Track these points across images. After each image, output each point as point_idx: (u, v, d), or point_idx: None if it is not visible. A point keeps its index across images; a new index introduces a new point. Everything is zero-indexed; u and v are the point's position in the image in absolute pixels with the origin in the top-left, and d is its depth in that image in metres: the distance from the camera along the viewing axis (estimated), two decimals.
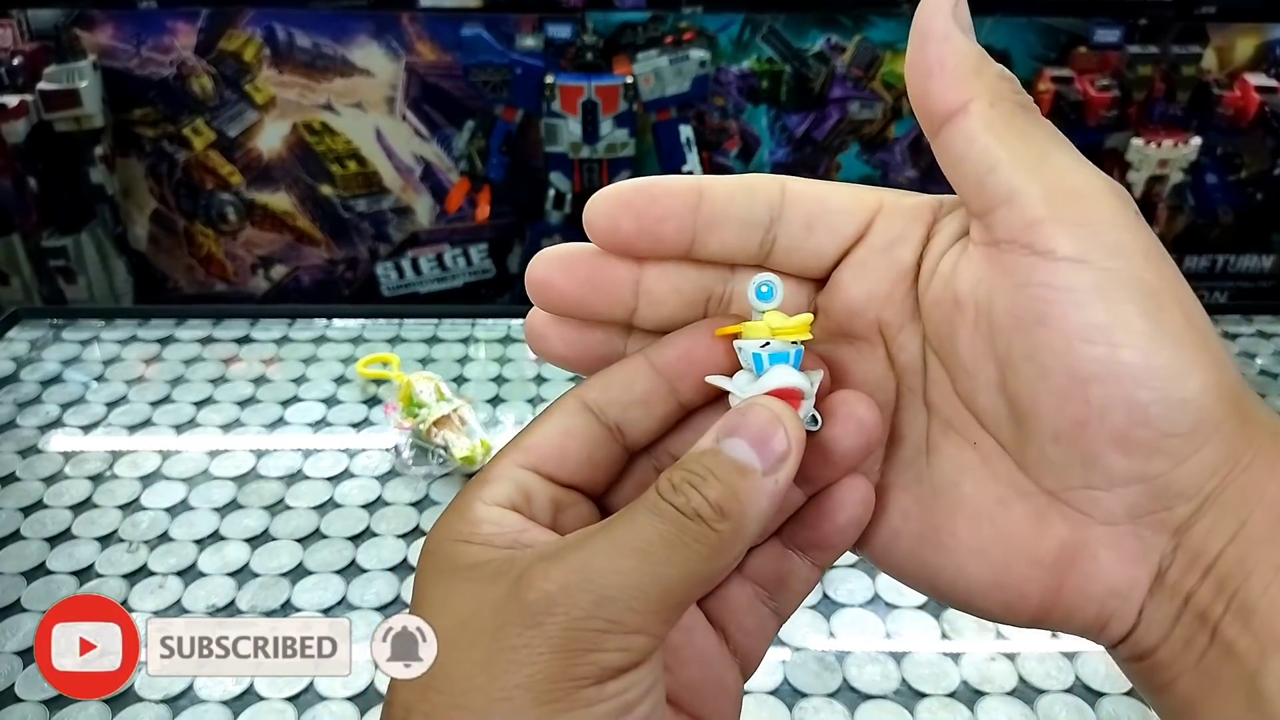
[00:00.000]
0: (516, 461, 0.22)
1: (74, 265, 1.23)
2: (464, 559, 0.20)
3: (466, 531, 0.21)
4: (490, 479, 0.22)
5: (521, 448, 0.22)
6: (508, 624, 0.18)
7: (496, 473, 0.22)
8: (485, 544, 0.20)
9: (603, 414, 0.22)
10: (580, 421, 0.22)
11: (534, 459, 0.22)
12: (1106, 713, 0.48)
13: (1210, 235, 1.35)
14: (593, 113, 1.16)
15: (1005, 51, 1.21)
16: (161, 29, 1.18)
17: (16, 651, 0.52)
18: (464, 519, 0.21)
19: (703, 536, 0.19)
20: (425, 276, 1.36)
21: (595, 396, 0.22)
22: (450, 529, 0.21)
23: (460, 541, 0.20)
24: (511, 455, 0.22)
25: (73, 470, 0.66)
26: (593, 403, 0.22)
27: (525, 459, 0.22)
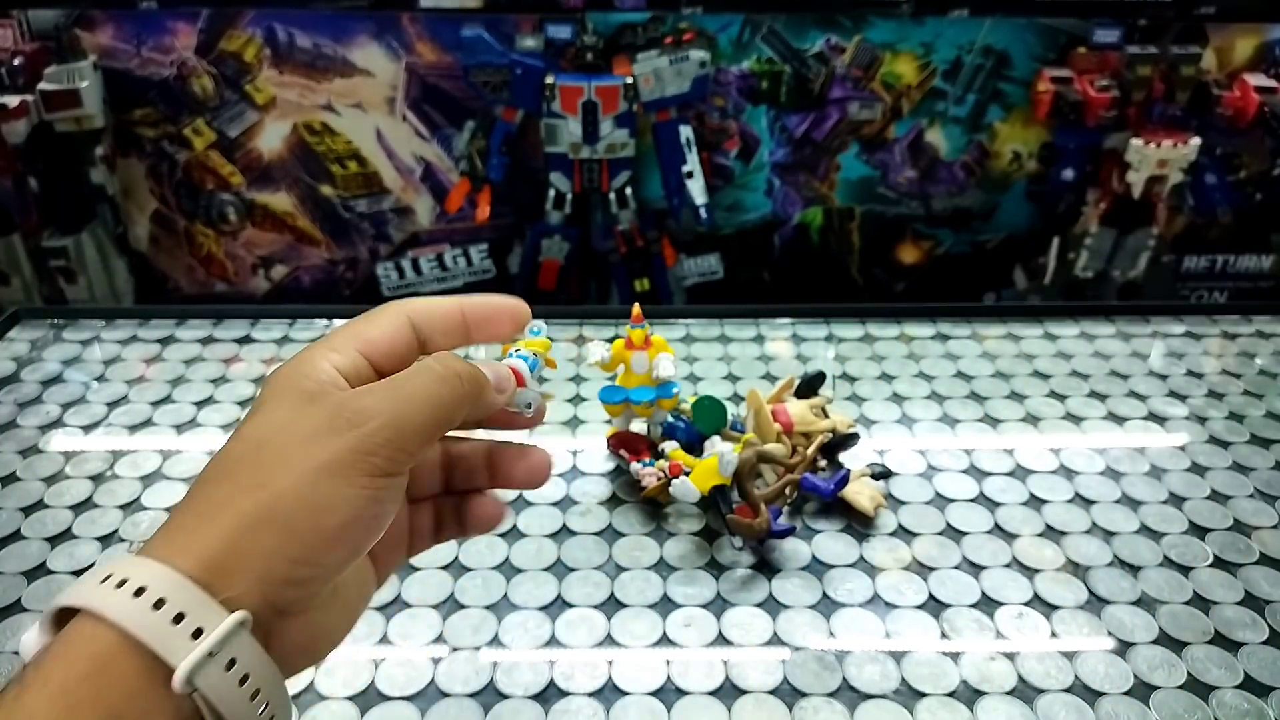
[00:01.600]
0: (356, 346, 0.33)
1: (74, 265, 1.23)
2: (304, 388, 0.31)
3: (309, 373, 0.32)
4: (335, 348, 0.33)
5: (362, 337, 0.34)
6: (326, 426, 0.30)
7: (340, 345, 0.33)
8: (319, 384, 0.32)
9: (418, 329, 0.35)
10: (404, 332, 0.34)
11: (368, 349, 0.34)
12: (1106, 712, 0.48)
13: (1209, 235, 1.36)
14: (593, 113, 1.16)
15: (1005, 52, 1.22)
16: (162, 29, 1.18)
17: (17, 651, 0.52)
18: (310, 366, 0.32)
19: (455, 389, 0.33)
20: (425, 277, 1.36)
21: (417, 318, 0.35)
22: (298, 369, 0.32)
23: (303, 377, 0.32)
24: (353, 339, 0.34)
25: (73, 470, 0.66)
26: (414, 320, 0.35)
27: (362, 347, 0.33)
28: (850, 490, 0.61)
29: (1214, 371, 0.79)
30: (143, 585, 0.28)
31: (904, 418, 0.72)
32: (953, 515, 0.62)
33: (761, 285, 1.38)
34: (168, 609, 0.27)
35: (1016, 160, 1.29)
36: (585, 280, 1.35)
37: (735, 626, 0.53)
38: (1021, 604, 0.55)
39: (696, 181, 1.22)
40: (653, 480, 0.59)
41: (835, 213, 1.33)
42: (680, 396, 0.64)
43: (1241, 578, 0.57)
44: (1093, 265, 1.30)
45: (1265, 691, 0.50)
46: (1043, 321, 0.86)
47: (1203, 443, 0.70)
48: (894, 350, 0.81)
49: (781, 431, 0.63)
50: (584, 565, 0.57)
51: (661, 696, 0.49)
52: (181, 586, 0.28)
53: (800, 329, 0.84)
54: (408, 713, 0.48)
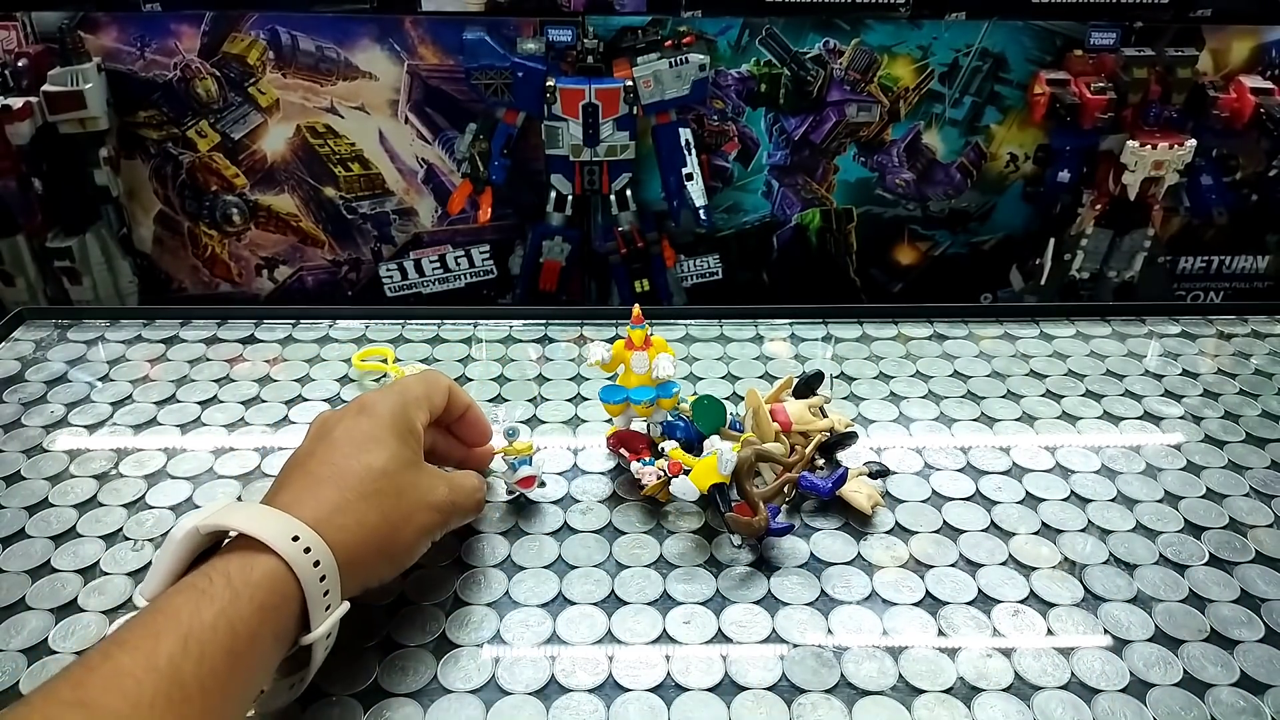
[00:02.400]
0: (430, 409, 0.54)
1: (79, 266, 1.23)
2: (411, 442, 0.50)
3: (415, 427, 0.51)
4: (423, 409, 0.53)
5: (433, 403, 0.54)
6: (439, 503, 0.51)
7: (425, 407, 0.53)
8: (420, 440, 0.51)
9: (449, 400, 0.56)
10: (446, 400, 0.55)
11: (432, 411, 0.54)
12: (1102, 709, 0.49)
13: (1205, 236, 1.36)
14: (593, 116, 1.17)
15: (1001, 54, 1.22)
16: (165, 32, 1.19)
17: (21, 649, 0.52)
18: (415, 420, 0.51)
19: (480, 499, 0.57)
20: (428, 277, 1.37)
21: (452, 397, 0.56)
22: (410, 414, 0.51)
23: (413, 429, 0.51)
24: (428, 403, 0.53)
25: (77, 469, 0.66)
26: (450, 396, 0.56)
27: (433, 411, 0.54)
28: (848, 489, 0.61)
29: (1209, 371, 0.79)
30: (318, 559, 0.42)
31: (901, 417, 0.73)
32: (950, 513, 0.62)
33: (760, 286, 1.39)
34: (326, 582, 0.42)
35: (1013, 162, 1.30)
36: (586, 281, 1.35)
37: (734, 623, 0.53)
38: (1018, 601, 0.55)
39: (696, 183, 1.23)
40: (652, 479, 0.60)
41: (833, 214, 1.34)
42: (680, 396, 0.65)
43: (1237, 576, 0.57)
44: (1089, 266, 1.31)
45: (1261, 689, 0.50)
46: (1039, 322, 0.86)
47: (1198, 442, 0.70)
48: (891, 350, 0.82)
49: (780, 430, 0.64)
50: (584, 563, 0.58)
51: (661, 693, 0.49)
52: (334, 572, 0.43)
53: (798, 329, 0.85)
54: (410, 709, 0.49)
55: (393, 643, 0.52)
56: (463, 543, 0.60)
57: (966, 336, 0.84)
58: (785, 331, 0.84)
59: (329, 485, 0.45)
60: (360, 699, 0.49)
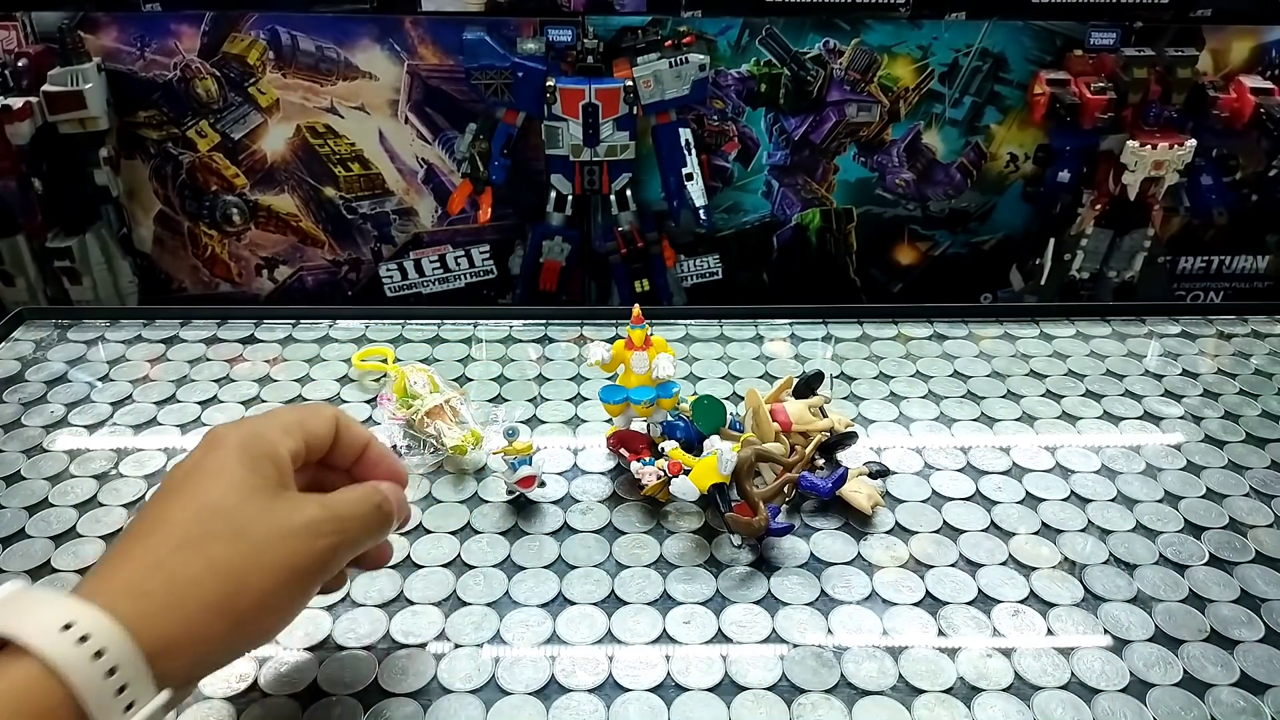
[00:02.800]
0: (303, 436, 0.42)
1: (79, 266, 1.23)
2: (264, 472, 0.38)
3: (272, 453, 0.39)
4: (289, 432, 0.41)
5: (307, 429, 0.42)
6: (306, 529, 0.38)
7: (292, 431, 0.41)
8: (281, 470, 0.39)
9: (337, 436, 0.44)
10: (331, 435, 0.44)
11: (311, 441, 0.42)
12: (1102, 709, 0.49)
13: (1205, 236, 1.36)
14: (593, 116, 1.17)
15: (1001, 54, 1.22)
16: (165, 32, 1.19)
17: None
18: (273, 446, 0.40)
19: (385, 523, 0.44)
20: (428, 277, 1.37)
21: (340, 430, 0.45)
22: (264, 439, 0.39)
23: (269, 456, 0.39)
24: (300, 428, 0.42)
25: (78, 469, 0.66)
26: (339, 429, 0.44)
27: (308, 438, 0.42)
28: (848, 489, 0.61)
29: (1209, 371, 0.79)
30: (102, 649, 0.31)
31: (901, 417, 0.73)
32: (950, 513, 0.62)
33: (760, 286, 1.39)
34: (119, 675, 0.31)
35: (1013, 162, 1.30)
36: (586, 281, 1.35)
37: (734, 623, 0.53)
38: (1018, 601, 0.55)
39: (696, 183, 1.23)
40: (652, 479, 0.60)
41: (833, 214, 1.34)
42: (680, 396, 0.65)
43: (1237, 576, 0.57)
44: (1089, 266, 1.31)
45: (1261, 689, 0.50)
46: (1039, 322, 0.86)
47: (1198, 442, 0.70)
48: (891, 350, 0.82)
49: (780, 430, 0.64)
50: (585, 563, 0.58)
51: (661, 693, 0.49)
52: (134, 658, 0.31)
53: (798, 329, 0.85)
54: (410, 709, 0.49)
55: (393, 643, 0.53)
56: (463, 543, 0.60)
57: (966, 336, 0.84)
58: (785, 331, 0.85)
59: (141, 541, 0.35)
60: (360, 699, 0.49)
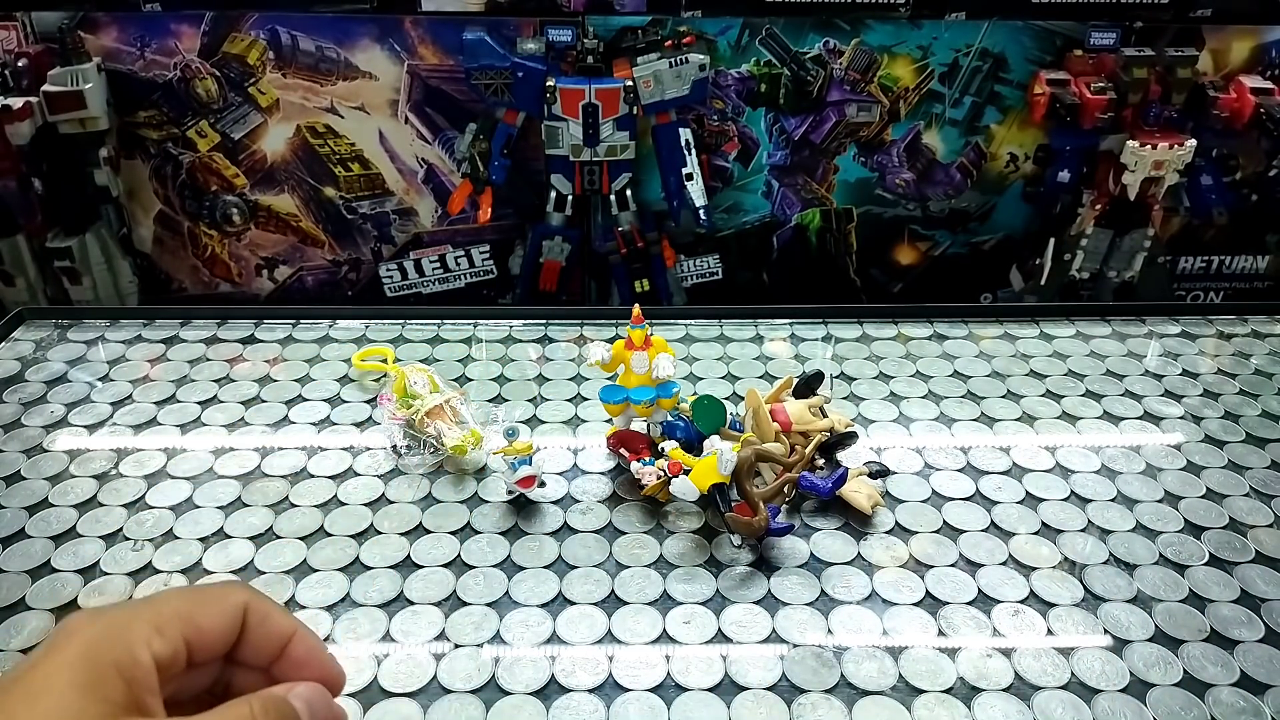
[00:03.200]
0: (183, 631, 0.29)
1: (79, 266, 1.23)
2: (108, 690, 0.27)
3: (127, 668, 0.28)
4: (162, 629, 0.29)
5: (193, 624, 0.30)
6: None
7: (167, 627, 0.29)
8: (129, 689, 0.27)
9: (246, 628, 0.31)
10: (233, 628, 0.31)
11: (194, 638, 0.30)
12: (1101, 709, 0.49)
13: (1205, 236, 1.36)
14: (593, 116, 1.17)
15: (1001, 54, 1.22)
16: (165, 32, 1.19)
17: (22, 649, 0.52)
18: (127, 649, 0.28)
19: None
20: (428, 277, 1.37)
21: (252, 621, 0.31)
22: (113, 642, 0.28)
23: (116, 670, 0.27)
24: (182, 623, 0.30)
25: (78, 469, 0.66)
26: (249, 620, 0.31)
27: (190, 634, 0.30)
28: (848, 489, 0.61)
29: (1209, 371, 0.79)
30: None
31: (901, 417, 0.73)
32: (950, 513, 0.62)
33: (760, 286, 1.39)
34: None
35: (1013, 162, 1.30)
36: (586, 281, 1.35)
37: (734, 623, 0.53)
38: (1018, 601, 0.55)
39: (696, 183, 1.23)
40: (652, 479, 0.60)
41: (833, 214, 1.34)
42: (680, 396, 0.65)
43: (1237, 576, 0.57)
44: (1088, 266, 1.31)
45: (1261, 689, 0.50)
46: (1039, 322, 0.86)
47: (1198, 442, 0.70)
48: (891, 350, 0.82)
49: (780, 430, 0.64)
50: (585, 563, 0.58)
51: (661, 693, 0.49)
52: None
53: (798, 329, 0.85)
54: (410, 709, 0.49)
55: (393, 642, 0.53)
56: (463, 543, 0.60)
57: (966, 336, 0.84)
58: (785, 331, 0.85)
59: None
60: (360, 699, 0.49)
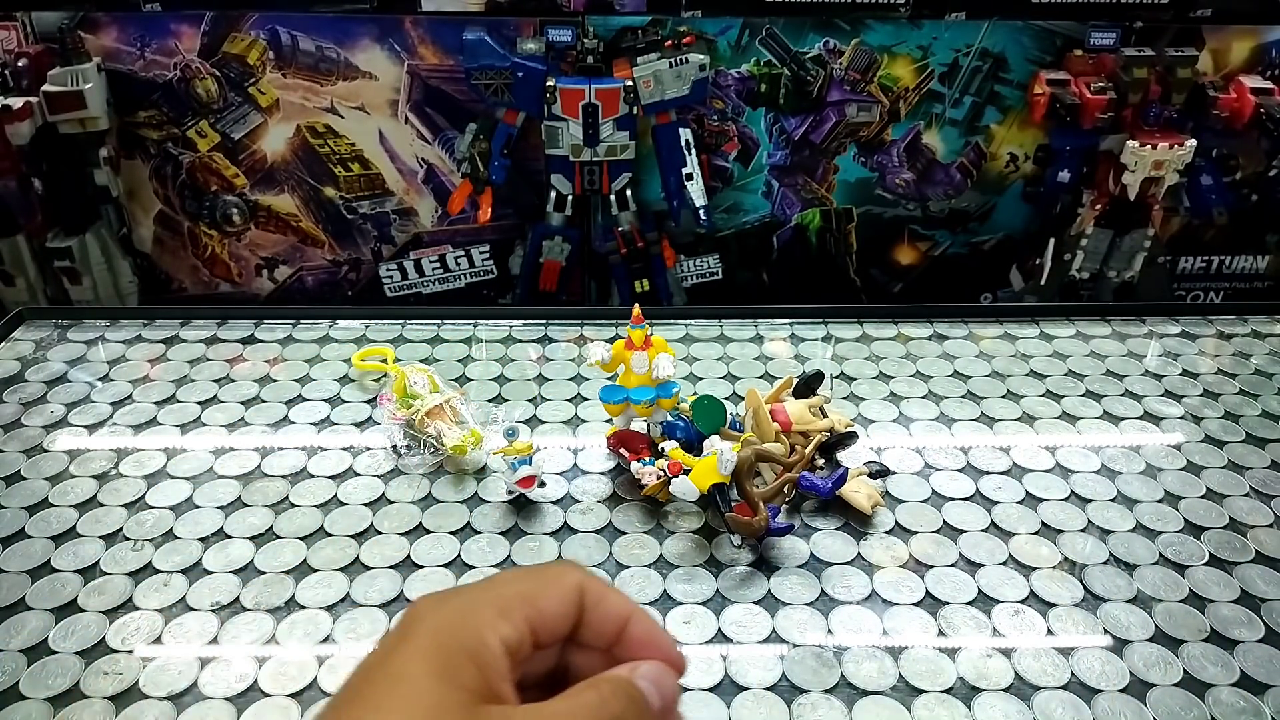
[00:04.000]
0: (527, 616, 0.29)
1: (79, 266, 1.23)
2: (462, 677, 0.26)
3: (476, 647, 0.27)
4: (506, 614, 0.28)
5: (535, 607, 0.29)
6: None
7: (512, 612, 0.29)
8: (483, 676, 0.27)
9: (584, 611, 0.30)
10: (572, 611, 0.30)
11: (537, 622, 0.29)
12: (1101, 709, 0.49)
13: (1205, 236, 1.36)
14: (593, 116, 1.17)
15: (1001, 54, 1.22)
16: (165, 32, 1.19)
17: (21, 649, 0.52)
18: (478, 637, 0.27)
19: None
20: (428, 277, 1.37)
21: (589, 602, 0.30)
22: (464, 631, 0.28)
23: (468, 659, 0.27)
24: (525, 606, 0.29)
25: (78, 469, 0.66)
26: (585, 603, 0.30)
27: (533, 618, 0.29)
28: (848, 489, 0.61)
29: (1209, 371, 0.79)
30: None
31: (901, 417, 0.73)
32: (950, 513, 0.62)
33: (760, 286, 1.39)
34: None
35: (1013, 162, 1.30)
36: (586, 281, 1.35)
37: (734, 623, 0.53)
38: (1018, 601, 0.55)
39: (696, 183, 1.23)
40: (652, 479, 0.60)
41: (833, 214, 1.34)
42: (680, 396, 0.65)
43: (1237, 576, 0.57)
44: (1089, 266, 1.31)
45: (1261, 689, 0.50)
46: (1039, 322, 0.86)
47: (1198, 442, 0.70)
48: (891, 350, 0.82)
49: (780, 430, 0.64)
50: (585, 563, 0.58)
51: None
52: None
53: (798, 329, 0.85)
54: None
55: None
56: (463, 543, 0.60)
57: (966, 336, 0.84)
58: (785, 331, 0.85)
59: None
60: None
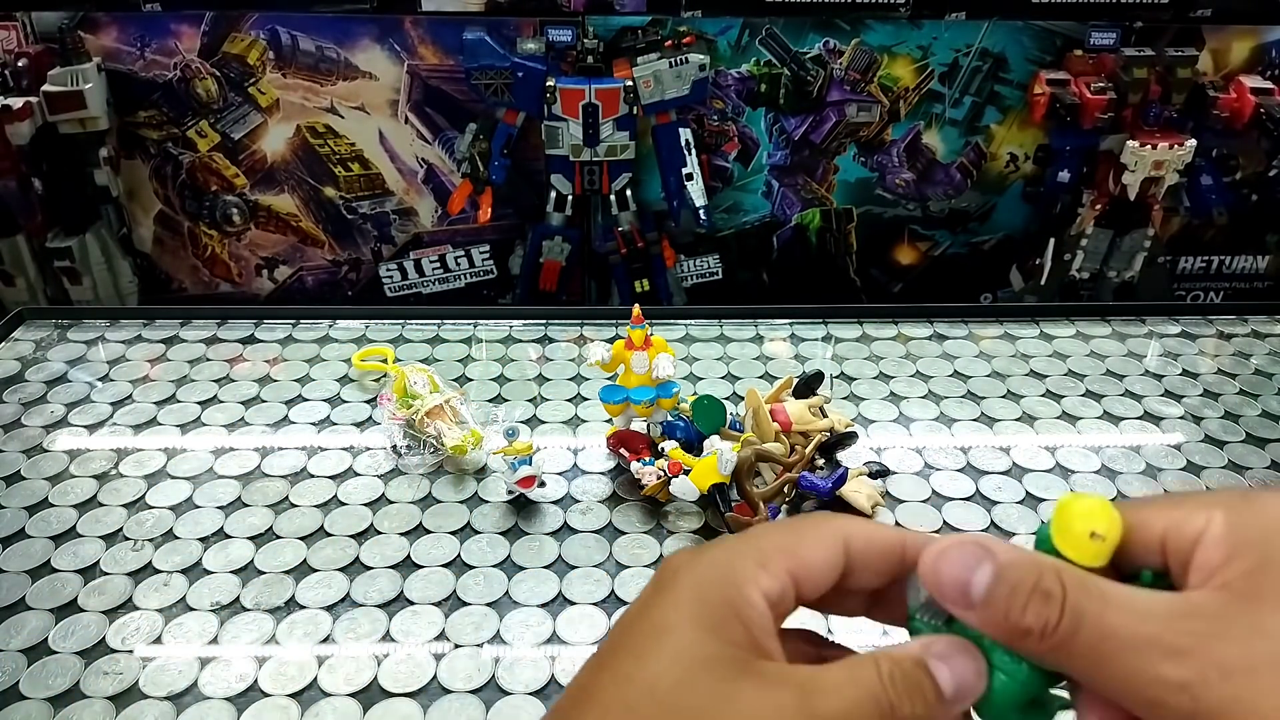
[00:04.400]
0: (789, 567, 0.27)
1: (79, 266, 1.23)
2: (727, 631, 0.25)
3: (740, 603, 0.26)
4: (766, 564, 0.27)
5: (797, 558, 0.27)
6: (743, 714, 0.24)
7: (773, 563, 0.27)
8: (749, 631, 0.25)
9: (850, 558, 0.27)
10: (838, 559, 0.27)
11: (800, 573, 0.27)
12: None
13: (1205, 236, 1.36)
14: (593, 116, 1.17)
15: (1002, 54, 1.22)
16: (165, 32, 1.19)
17: (21, 649, 0.52)
18: (741, 592, 0.26)
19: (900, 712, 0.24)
20: (428, 277, 1.37)
21: (855, 546, 0.27)
22: (728, 584, 0.26)
23: (732, 605, 0.26)
24: (787, 557, 0.27)
25: (78, 469, 0.66)
26: (850, 548, 0.27)
27: (795, 569, 0.27)
28: (848, 489, 0.61)
29: (1209, 371, 0.79)
30: None
31: (901, 417, 0.73)
32: (950, 513, 0.62)
33: (760, 286, 1.39)
34: None
35: (1013, 162, 1.30)
36: (586, 281, 1.35)
37: None
38: None
39: (696, 184, 1.23)
40: (652, 479, 0.60)
41: (833, 214, 1.34)
42: (680, 396, 0.65)
43: None
44: (1089, 266, 1.31)
45: None
46: (1039, 322, 0.86)
47: (1198, 442, 0.70)
48: (891, 350, 0.82)
49: (780, 430, 0.64)
50: (585, 563, 0.58)
51: None
52: None
53: (798, 329, 0.85)
54: (410, 709, 0.49)
55: (393, 642, 0.53)
56: (463, 543, 0.60)
57: (966, 336, 0.84)
58: (785, 331, 0.85)
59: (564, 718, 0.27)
60: (360, 699, 0.49)
